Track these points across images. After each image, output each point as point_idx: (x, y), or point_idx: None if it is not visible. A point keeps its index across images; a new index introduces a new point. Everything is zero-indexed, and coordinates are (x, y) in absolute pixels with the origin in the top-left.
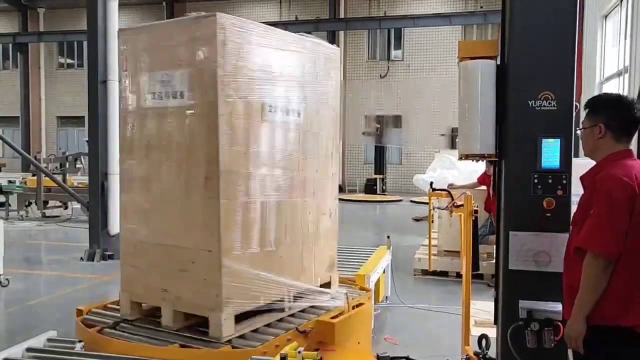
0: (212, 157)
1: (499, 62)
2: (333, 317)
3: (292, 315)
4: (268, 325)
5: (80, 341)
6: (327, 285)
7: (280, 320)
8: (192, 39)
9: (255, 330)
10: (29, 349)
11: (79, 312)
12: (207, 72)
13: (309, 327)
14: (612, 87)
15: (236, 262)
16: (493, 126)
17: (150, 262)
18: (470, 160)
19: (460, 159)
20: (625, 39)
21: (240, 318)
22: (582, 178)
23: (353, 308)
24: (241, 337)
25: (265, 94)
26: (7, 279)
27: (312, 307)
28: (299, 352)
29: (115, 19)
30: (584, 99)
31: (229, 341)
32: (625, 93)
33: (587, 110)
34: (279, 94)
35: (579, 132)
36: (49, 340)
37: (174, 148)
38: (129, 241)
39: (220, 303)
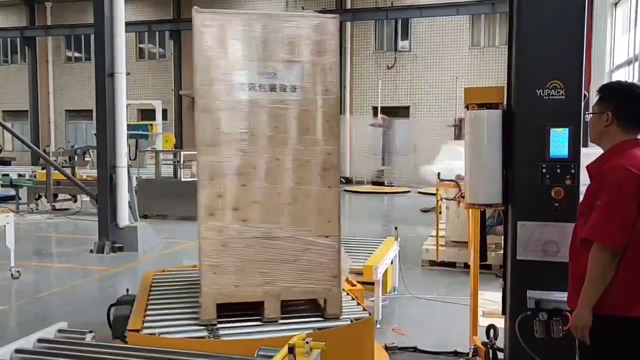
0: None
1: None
2: None
3: None
4: None
5: (90, 332)
6: None
7: None
8: None
9: None
10: (40, 340)
11: None
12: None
13: None
14: (622, 76)
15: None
16: (500, 176)
17: (246, 258)
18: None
19: (467, 208)
20: (635, 27)
21: None
22: (588, 167)
23: None
24: None
25: None
26: (18, 271)
27: None
28: (307, 342)
29: (121, 12)
30: (593, 88)
31: None
32: (636, 81)
33: (598, 96)
34: None
35: (587, 117)
36: (59, 331)
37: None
38: (214, 240)
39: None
